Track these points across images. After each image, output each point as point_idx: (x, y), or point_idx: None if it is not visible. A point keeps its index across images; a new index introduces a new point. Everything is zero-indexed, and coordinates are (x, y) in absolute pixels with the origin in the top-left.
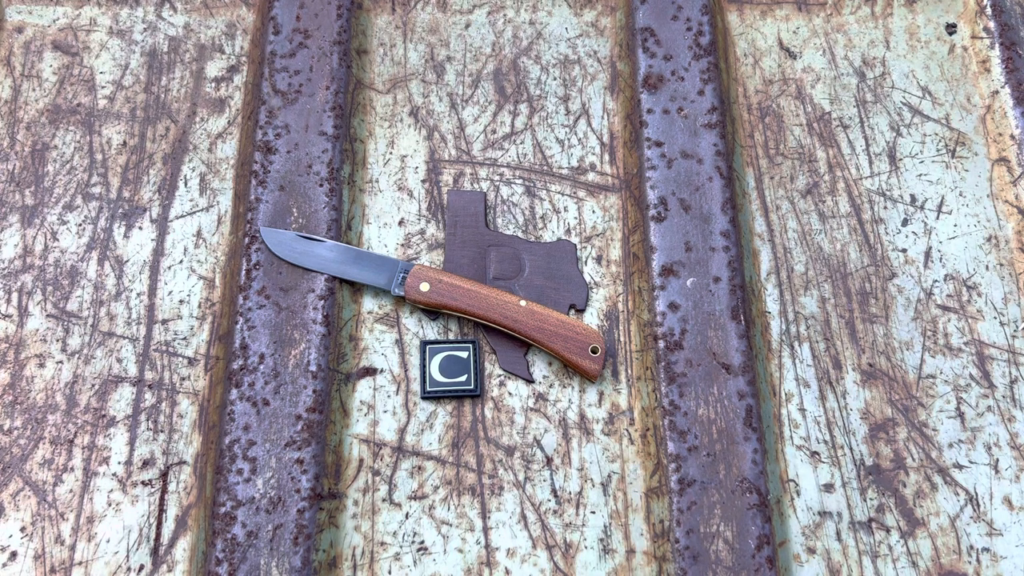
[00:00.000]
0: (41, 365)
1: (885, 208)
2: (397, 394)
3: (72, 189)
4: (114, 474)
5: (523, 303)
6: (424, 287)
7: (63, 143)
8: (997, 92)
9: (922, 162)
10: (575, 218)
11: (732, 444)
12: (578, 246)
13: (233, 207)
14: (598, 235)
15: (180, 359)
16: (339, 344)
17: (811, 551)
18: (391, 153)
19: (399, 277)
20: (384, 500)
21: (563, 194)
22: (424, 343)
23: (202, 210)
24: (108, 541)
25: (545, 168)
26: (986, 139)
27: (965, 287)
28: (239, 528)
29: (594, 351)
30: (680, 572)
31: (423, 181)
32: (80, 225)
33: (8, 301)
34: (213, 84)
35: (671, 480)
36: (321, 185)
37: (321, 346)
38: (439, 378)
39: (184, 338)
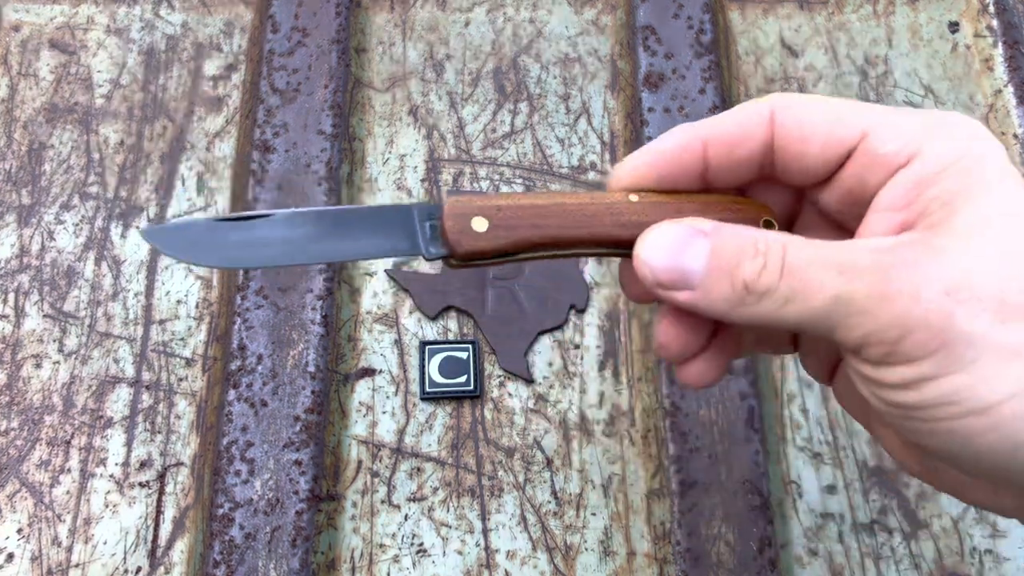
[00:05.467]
0: (38, 366)
1: None
2: (396, 395)
3: (69, 189)
4: (111, 475)
5: (634, 197)
6: (479, 225)
7: (60, 142)
8: (1000, 91)
9: None
10: None
11: (734, 445)
12: None
13: (231, 206)
14: None
15: (178, 360)
16: (338, 345)
17: (813, 553)
18: (390, 152)
19: (425, 228)
20: (383, 502)
21: None
22: (423, 343)
23: (199, 209)
24: (105, 543)
25: (545, 167)
26: None
27: None
28: (237, 530)
29: (769, 225)
30: (681, 574)
31: (422, 180)
32: (77, 225)
33: (4, 302)
34: (211, 83)
35: (672, 482)
36: (320, 184)
37: (320, 347)
38: (438, 379)
39: (182, 339)
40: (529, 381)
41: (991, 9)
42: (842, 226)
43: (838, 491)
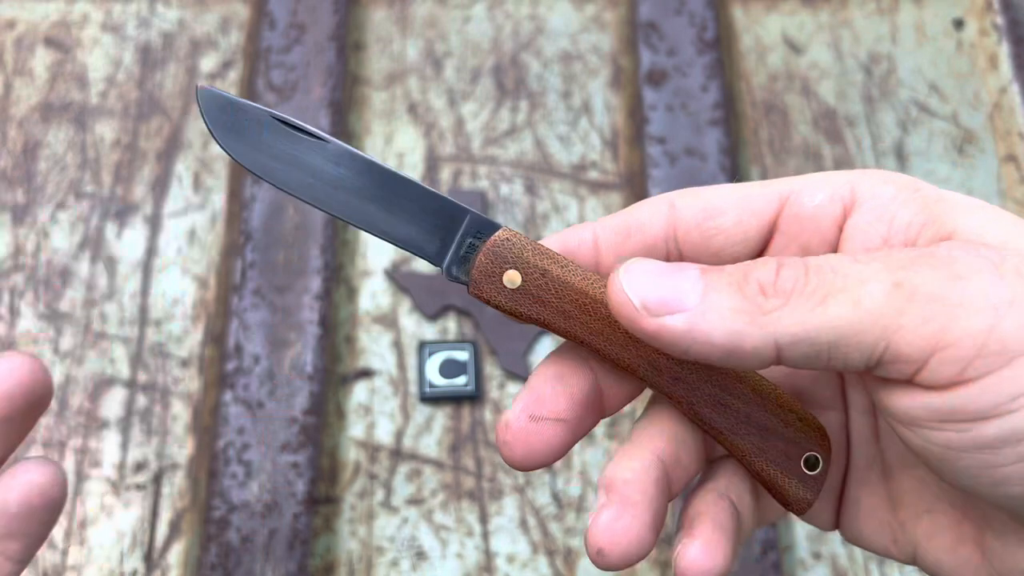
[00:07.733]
0: None
1: None
2: (394, 396)
3: (64, 187)
4: (107, 477)
5: None
6: (512, 279)
7: (55, 140)
8: (1005, 89)
9: (929, 160)
10: (576, 216)
11: None
12: None
13: (227, 205)
14: None
15: (174, 360)
16: (335, 345)
17: (817, 556)
18: (388, 150)
19: (464, 244)
20: (381, 504)
21: (564, 192)
22: (422, 344)
23: (196, 208)
24: (101, 546)
25: (545, 166)
26: (994, 136)
27: None
28: (233, 533)
29: (811, 464)
30: None
31: (421, 179)
32: (72, 224)
33: None
34: (207, 80)
35: None
36: None
37: (317, 347)
38: (437, 380)
39: (177, 339)
40: None
41: (996, 6)
42: None
43: None
